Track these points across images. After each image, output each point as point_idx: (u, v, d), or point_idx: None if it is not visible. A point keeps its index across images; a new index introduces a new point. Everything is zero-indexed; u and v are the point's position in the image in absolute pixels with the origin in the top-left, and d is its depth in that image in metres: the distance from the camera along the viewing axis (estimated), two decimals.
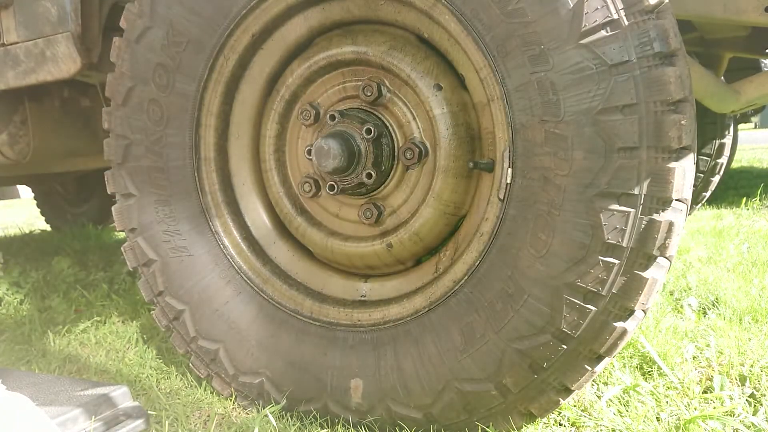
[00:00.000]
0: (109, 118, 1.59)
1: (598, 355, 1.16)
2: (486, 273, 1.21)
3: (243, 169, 1.60)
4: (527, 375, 1.18)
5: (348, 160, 1.35)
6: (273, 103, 1.54)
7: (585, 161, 1.08)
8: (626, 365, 1.59)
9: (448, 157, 1.31)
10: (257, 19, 1.43)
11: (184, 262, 1.54)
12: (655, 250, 1.08)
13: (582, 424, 1.33)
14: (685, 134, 1.05)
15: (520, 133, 1.15)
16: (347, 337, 1.39)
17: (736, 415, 1.30)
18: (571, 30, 1.07)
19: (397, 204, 1.42)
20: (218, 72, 1.49)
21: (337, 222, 1.51)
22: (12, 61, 1.80)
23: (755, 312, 1.89)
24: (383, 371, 1.33)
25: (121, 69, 1.55)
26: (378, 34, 1.40)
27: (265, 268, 1.53)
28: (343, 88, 1.46)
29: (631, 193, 1.06)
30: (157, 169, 1.55)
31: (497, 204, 1.21)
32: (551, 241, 1.12)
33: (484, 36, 1.16)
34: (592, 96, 1.07)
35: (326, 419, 1.39)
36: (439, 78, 1.33)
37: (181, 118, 1.52)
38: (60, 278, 2.97)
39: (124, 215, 1.60)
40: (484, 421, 1.26)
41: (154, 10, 1.48)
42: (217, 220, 1.55)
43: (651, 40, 1.05)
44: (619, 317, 1.12)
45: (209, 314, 1.52)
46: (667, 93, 1.04)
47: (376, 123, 1.38)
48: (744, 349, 1.59)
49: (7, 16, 1.79)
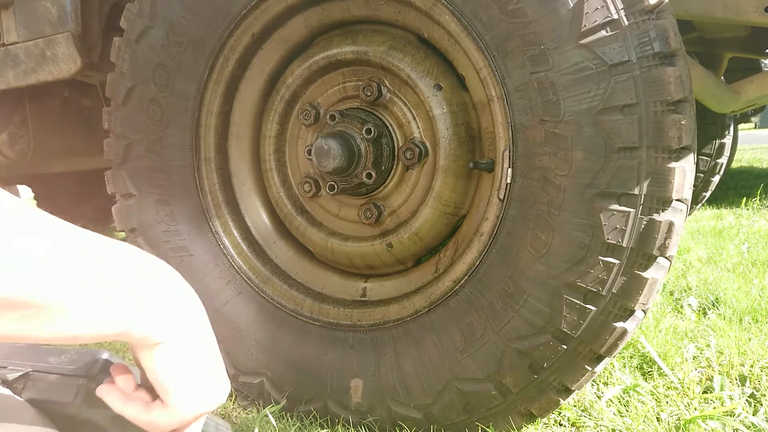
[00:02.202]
0: (109, 118, 1.59)
1: (598, 355, 1.16)
2: (486, 273, 1.21)
3: (243, 169, 1.60)
4: (527, 375, 1.18)
5: (348, 160, 1.35)
6: (273, 103, 1.54)
7: (585, 161, 1.08)
8: (626, 365, 1.59)
9: (448, 157, 1.31)
10: (257, 19, 1.43)
11: (184, 262, 1.54)
12: (655, 250, 1.08)
13: (582, 424, 1.33)
14: (685, 134, 1.05)
15: (520, 133, 1.15)
16: (347, 337, 1.39)
17: (736, 415, 1.30)
18: (571, 30, 1.07)
19: (397, 204, 1.42)
20: (218, 72, 1.49)
21: (337, 222, 1.51)
22: (12, 61, 1.80)
23: (755, 312, 1.89)
24: (383, 371, 1.33)
25: (121, 69, 1.55)
26: (378, 34, 1.40)
27: (265, 268, 1.53)
28: (343, 88, 1.46)
29: (631, 193, 1.06)
30: (157, 169, 1.55)
31: (497, 204, 1.21)
32: (551, 241, 1.12)
33: (484, 36, 1.16)
34: (592, 96, 1.07)
35: (326, 419, 1.39)
36: (439, 78, 1.33)
37: (181, 118, 1.52)
38: None
39: (124, 215, 1.60)
40: (484, 421, 1.26)
41: (155, 10, 1.48)
42: (217, 220, 1.55)
43: (651, 40, 1.05)
44: (619, 317, 1.12)
45: (209, 314, 1.51)
46: (667, 93, 1.04)
47: (376, 123, 1.38)
48: (744, 349, 1.59)
49: (8, 16, 1.79)
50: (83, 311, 0.50)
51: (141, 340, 0.55)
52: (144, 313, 0.54)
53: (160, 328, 0.55)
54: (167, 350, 0.56)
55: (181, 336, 0.57)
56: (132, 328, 0.53)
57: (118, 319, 0.52)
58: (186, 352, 0.57)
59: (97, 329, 0.51)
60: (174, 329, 0.56)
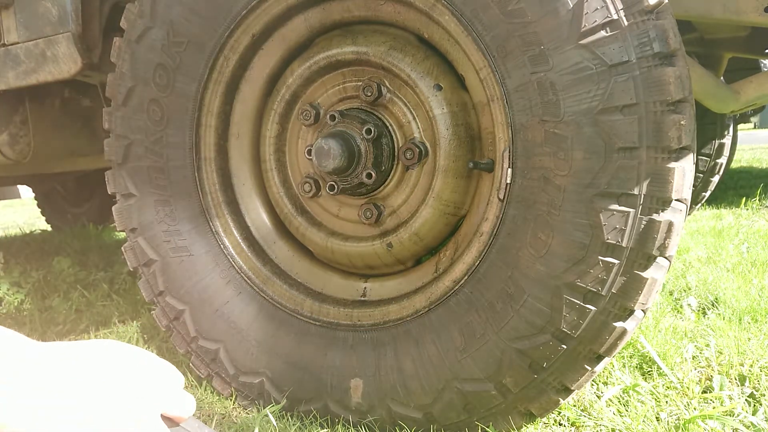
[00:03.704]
0: (109, 118, 1.59)
1: (597, 355, 1.16)
2: (486, 273, 1.21)
3: (243, 170, 1.60)
4: (527, 375, 1.18)
5: (348, 160, 1.36)
6: (273, 103, 1.54)
7: (585, 161, 1.08)
8: (626, 365, 1.59)
9: (448, 157, 1.31)
10: (258, 19, 1.43)
11: (185, 262, 1.55)
12: (655, 250, 1.08)
13: (582, 424, 1.33)
14: (684, 134, 1.05)
15: (520, 133, 1.15)
16: (347, 337, 1.39)
17: (736, 414, 1.30)
18: (571, 30, 1.07)
19: (397, 204, 1.42)
20: (218, 72, 1.49)
21: (337, 222, 1.52)
22: (12, 61, 1.80)
23: (755, 312, 1.89)
24: (383, 371, 1.33)
25: (122, 69, 1.55)
26: (378, 35, 1.40)
27: (265, 268, 1.53)
28: (343, 88, 1.46)
29: (631, 193, 1.07)
30: (158, 169, 1.55)
31: (497, 204, 1.21)
32: (551, 241, 1.12)
33: (484, 36, 1.16)
34: (591, 96, 1.07)
35: (326, 419, 1.40)
36: (439, 78, 1.33)
37: (182, 118, 1.52)
38: (60, 278, 2.97)
39: (124, 215, 1.60)
40: (484, 420, 1.26)
41: (155, 10, 1.48)
42: (218, 220, 1.55)
43: (650, 41, 1.05)
44: (618, 317, 1.12)
45: (209, 314, 1.53)
46: (667, 93, 1.04)
47: (376, 123, 1.38)
48: (743, 349, 1.60)
49: (8, 16, 1.79)
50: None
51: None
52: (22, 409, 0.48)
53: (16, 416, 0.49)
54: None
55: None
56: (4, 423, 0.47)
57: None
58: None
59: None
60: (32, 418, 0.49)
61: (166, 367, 0.62)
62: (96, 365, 0.55)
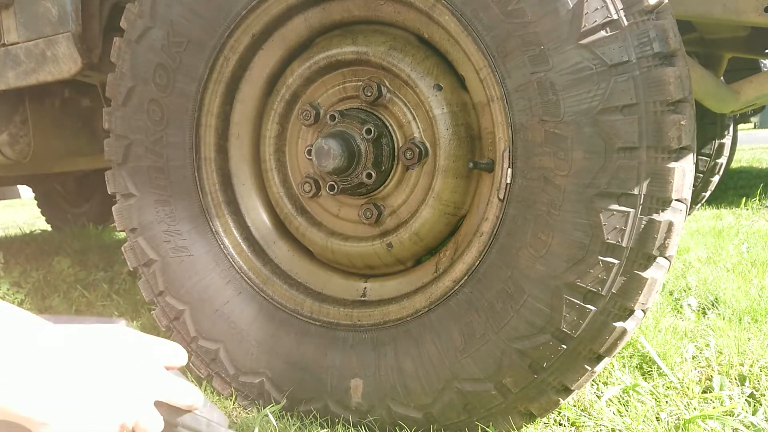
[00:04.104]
0: (109, 119, 1.59)
1: (597, 355, 1.16)
2: (486, 273, 1.21)
3: (243, 170, 1.60)
4: (527, 375, 1.18)
5: (348, 160, 1.36)
6: (273, 104, 1.54)
7: (585, 161, 1.08)
8: (626, 365, 1.59)
9: (448, 157, 1.31)
10: (257, 19, 1.43)
11: (185, 262, 1.55)
12: (655, 250, 1.08)
13: (582, 424, 1.33)
14: (684, 134, 1.05)
15: (520, 133, 1.15)
16: (347, 337, 1.39)
17: (736, 414, 1.30)
18: (571, 30, 1.07)
19: (397, 204, 1.42)
20: (218, 72, 1.49)
21: (337, 222, 1.52)
22: (12, 61, 1.80)
23: (755, 312, 1.89)
24: (383, 371, 1.33)
25: (122, 69, 1.55)
26: (378, 35, 1.40)
27: (265, 268, 1.53)
28: (343, 88, 1.46)
29: (631, 193, 1.07)
30: (158, 169, 1.55)
31: (497, 204, 1.21)
32: (551, 241, 1.12)
33: (484, 36, 1.16)
34: (591, 96, 1.07)
35: (326, 419, 1.40)
36: (439, 78, 1.33)
37: (182, 119, 1.52)
38: (60, 278, 2.97)
39: (124, 215, 1.60)
40: (484, 420, 1.26)
41: (155, 10, 1.48)
42: (218, 220, 1.55)
43: (650, 41, 1.05)
44: (618, 317, 1.12)
45: (209, 314, 1.53)
46: (667, 93, 1.04)
47: (376, 123, 1.38)
48: (743, 349, 1.60)
49: (8, 16, 1.79)
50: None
51: (25, 422, 0.52)
52: (25, 391, 0.51)
53: (43, 408, 0.52)
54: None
55: (67, 417, 0.53)
56: (9, 407, 0.50)
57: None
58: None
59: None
60: (59, 410, 0.53)
61: (170, 349, 0.66)
62: (97, 352, 0.58)
